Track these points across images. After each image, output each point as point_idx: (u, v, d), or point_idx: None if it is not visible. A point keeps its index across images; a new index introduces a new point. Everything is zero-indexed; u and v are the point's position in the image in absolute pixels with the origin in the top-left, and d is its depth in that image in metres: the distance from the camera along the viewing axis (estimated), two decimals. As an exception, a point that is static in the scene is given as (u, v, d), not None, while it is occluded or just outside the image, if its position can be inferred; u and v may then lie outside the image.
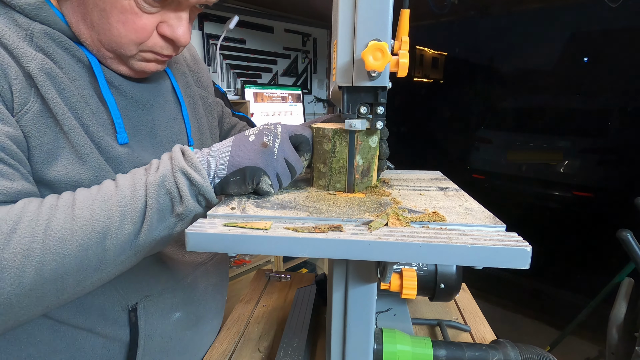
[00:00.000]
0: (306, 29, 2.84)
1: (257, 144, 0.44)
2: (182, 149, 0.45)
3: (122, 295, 0.53)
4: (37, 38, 0.44)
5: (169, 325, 0.59)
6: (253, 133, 0.46)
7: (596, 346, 1.89)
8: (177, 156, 0.43)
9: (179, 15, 0.48)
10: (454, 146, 2.63)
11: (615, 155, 1.93)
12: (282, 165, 0.46)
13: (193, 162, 0.43)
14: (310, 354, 0.67)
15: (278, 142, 0.46)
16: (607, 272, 1.55)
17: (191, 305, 0.63)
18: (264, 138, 0.45)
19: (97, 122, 0.48)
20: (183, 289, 0.61)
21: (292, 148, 0.48)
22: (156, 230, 0.42)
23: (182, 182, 0.42)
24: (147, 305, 0.55)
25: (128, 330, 0.54)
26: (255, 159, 0.44)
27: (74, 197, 0.40)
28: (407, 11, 0.41)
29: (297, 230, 0.36)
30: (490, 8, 2.27)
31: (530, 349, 0.54)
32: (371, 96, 0.44)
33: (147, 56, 0.50)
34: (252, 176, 0.44)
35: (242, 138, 0.46)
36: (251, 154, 0.44)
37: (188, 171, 0.42)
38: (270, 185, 0.45)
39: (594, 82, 1.92)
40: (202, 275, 0.65)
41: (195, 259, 0.64)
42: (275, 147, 0.45)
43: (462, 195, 0.51)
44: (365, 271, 0.45)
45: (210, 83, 0.75)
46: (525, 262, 0.32)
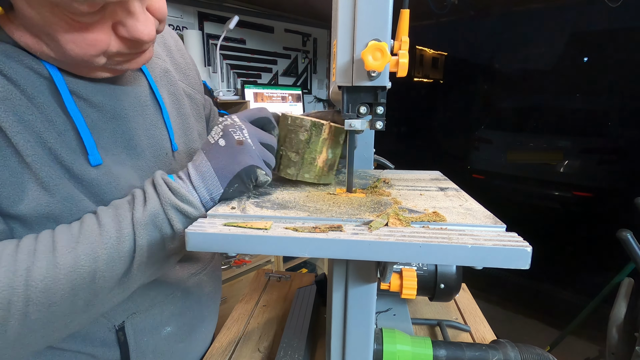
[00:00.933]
0: (306, 29, 2.84)
1: (231, 145, 0.44)
2: (165, 181, 0.43)
3: (105, 316, 0.51)
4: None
5: (161, 341, 0.57)
6: (220, 137, 0.45)
7: (596, 346, 1.88)
8: (163, 191, 0.42)
9: (128, 11, 0.40)
10: (454, 146, 2.63)
11: (615, 155, 1.93)
12: (262, 150, 0.46)
13: (182, 196, 0.42)
14: (310, 354, 0.67)
15: (247, 133, 0.45)
16: (607, 272, 1.55)
17: (183, 317, 0.61)
18: (234, 137, 0.44)
19: (65, 144, 0.42)
20: (173, 302, 0.58)
21: (260, 130, 0.48)
22: (147, 265, 0.42)
23: (175, 219, 0.41)
24: (134, 322, 0.53)
25: (118, 350, 0.52)
26: (241, 160, 0.44)
27: (53, 239, 0.38)
28: (407, 11, 0.41)
29: (298, 230, 0.36)
30: (490, 8, 2.28)
31: (530, 349, 0.54)
32: (371, 96, 0.44)
33: (119, 59, 0.44)
34: (248, 176, 0.44)
35: (213, 148, 0.45)
36: (234, 157, 0.44)
37: (181, 207, 0.42)
38: (265, 174, 0.46)
39: (594, 82, 1.92)
40: (194, 286, 0.62)
41: (188, 271, 0.60)
42: (248, 139, 0.45)
43: (462, 195, 0.51)
44: (365, 271, 0.44)
45: (198, 79, 0.68)
46: (525, 262, 0.32)
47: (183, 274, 0.60)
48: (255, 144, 0.45)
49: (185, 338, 0.62)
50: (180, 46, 0.65)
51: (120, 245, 0.40)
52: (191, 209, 0.42)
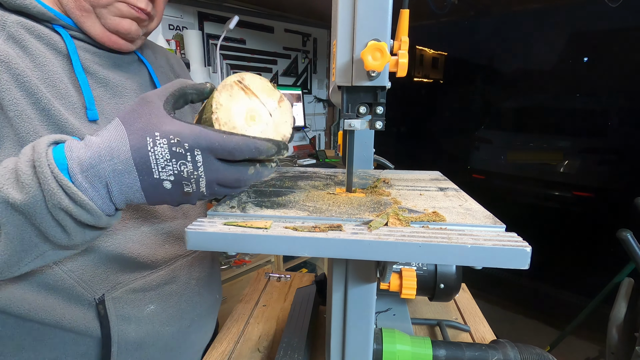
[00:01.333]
0: (306, 29, 2.84)
1: (176, 192, 0.36)
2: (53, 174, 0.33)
3: (84, 288, 0.51)
4: (9, 27, 0.46)
5: (144, 319, 0.57)
6: (167, 179, 0.35)
7: (596, 346, 1.88)
8: (51, 188, 0.33)
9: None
10: (454, 146, 2.63)
11: (615, 155, 1.93)
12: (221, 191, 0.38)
13: (80, 201, 0.34)
14: (310, 354, 0.67)
15: (203, 184, 0.36)
16: (607, 272, 1.55)
17: (169, 298, 0.60)
18: (184, 188, 0.36)
19: (64, 104, 0.47)
20: (156, 280, 0.58)
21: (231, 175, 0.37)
22: (22, 260, 0.37)
23: (65, 221, 0.35)
24: (115, 296, 0.53)
25: (98, 324, 0.52)
26: (180, 201, 0.38)
27: None
28: (406, 11, 0.41)
29: (297, 230, 0.36)
30: (490, 8, 2.28)
31: (530, 349, 0.54)
32: (370, 96, 0.44)
33: (122, 8, 0.50)
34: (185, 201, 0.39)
35: (154, 183, 0.36)
36: (172, 199, 0.38)
37: (74, 213, 0.34)
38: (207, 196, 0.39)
39: (594, 82, 1.92)
40: (182, 268, 0.62)
41: (174, 251, 0.61)
42: (202, 189, 0.37)
43: (462, 195, 0.51)
44: (365, 271, 0.45)
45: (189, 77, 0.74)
46: (525, 262, 0.32)
47: (167, 253, 0.59)
48: (210, 190, 0.37)
49: (173, 322, 0.61)
50: (179, 61, 0.74)
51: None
52: (89, 217, 0.35)
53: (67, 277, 0.49)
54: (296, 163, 2.48)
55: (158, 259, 0.58)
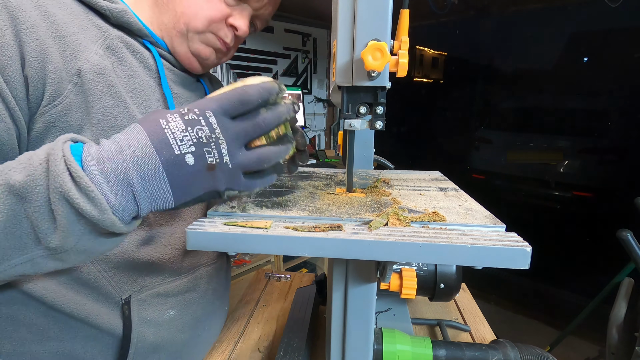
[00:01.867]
0: (306, 29, 2.84)
1: (200, 168, 0.35)
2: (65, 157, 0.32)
3: (114, 287, 0.52)
4: (111, 40, 0.51)
5: (163, 324, 0.58)
6: (188, 151, 0.34)
7: (596, 346, 1.88)
8: (57, 169, 0.31)
9: (245, 14, 0.59)
10: (454, 146, 2.63)
11: (615, 155, 1.93)
12: (247, 160, 0.37)
13: (84, 187, 0.31)
14: (310, 354, 0.67)
15: (225, 149, 0.35)
16: (607, 272, 1.55)
17: (188, 306, 0.62)
18: (207, 159, 0.35)
19: (144, 113, 0.51)
20: (179, 287, 0.60)
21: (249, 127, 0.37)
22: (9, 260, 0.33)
23: (60, 211, 0.31)
24: (141, 298, 0.55)
25: (121, 324, 0.54)
26: (206, 186, 0.36)
27: None
28: (406, 11, 0.41)
29: (297, 230, 0.36)
30: (490, 8, 2.27)
31: (530, 349, 0.54)
32: (370, 96, 0.44)
33: (210, 38, 0.58)
34: (210, 197, 0.37)
35: (176, 162, 0.34)
36: (198, 182, 0.35)
37: (75, 199, 0.31)
38: (239, 192, 0.38)
39: (594, 82, 1.92)
40: (202, 277, 0.64)
41: (197, 260, 0.63)
42: (225, 158, 0.35)
43: (462, 195, 0.51)
44: (365, 271, 0.45)
45: None
46: (525, 262, 0.32)
47: (191, 261, 0.61)
48: (234, 160, 0.36)
49: (188, 329, 0.62)
50: (220, 85, 0.77)
51: None
52: (92, 208, 0.32)
53: (100, 276, 0.51)
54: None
55: (183, 266, 0.60)
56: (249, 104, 0.36)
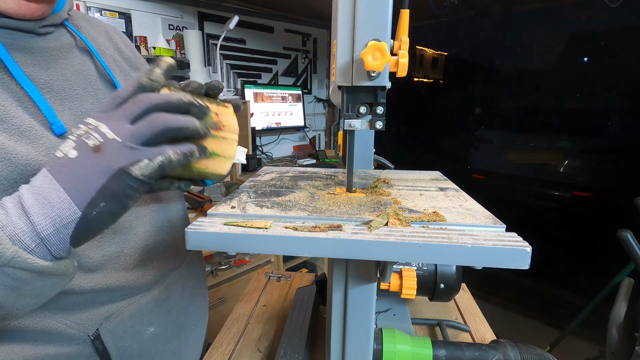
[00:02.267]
0: (306, 29, 2.84)
1: (85, 155, 0.32)
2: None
3: (75, 329, 0.46)
4: None
5: (146, 343, 0.53)
6: (71, 147, 0.32)
7: (596, 346, 1.88)
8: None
9: None
10: (454, 146, 2.63)
11: (615, 155, 1.93)
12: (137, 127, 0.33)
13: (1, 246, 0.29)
14: (310, 354, 0.67)
15: (105, 128, 0.32)
16: (607, 272, 1.55)
17: (167, 315, 0.57)
18: (88, 143, 0.32)
19: (11, 131, 0.39)
20: (151, 301, 0.54)
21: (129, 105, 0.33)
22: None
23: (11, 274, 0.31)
24: (111, 328, 0.49)
25: (99, 359, 0.49)
26: (103, 170, 0.32)
27: None
28: (406, 11, 0.41)
29: (297, 230, 0.36)
30: (490, 8, 2.27)
31: (530, 349, 0.54)
32: (370, 96, 0.44)
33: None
34: (121, 186, 0.32)
35: (61, 163, 0.32)
36: (88, 170, 0.31)
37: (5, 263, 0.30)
38: (149, 161, 0.32)
39: (594, 82, 1.92)
40: (175, 282, 0.59)
41: (165, 266, 0.57)
42: (110, 135, 0.32)
43: (462, 195, 0.51)
44: (365, 271, 0.45)
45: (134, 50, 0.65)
46: (525, 262, 0.32)
47: (158, 271, 0.56)
48: (121, 132, 0.32)
49: (175, 338, 0.59)
50: (127, 42, 0.63)
51: None
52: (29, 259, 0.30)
53: (53, 322, 0.45)
54: (296, 163, 2.48)
55: (149, 280, 0.54)
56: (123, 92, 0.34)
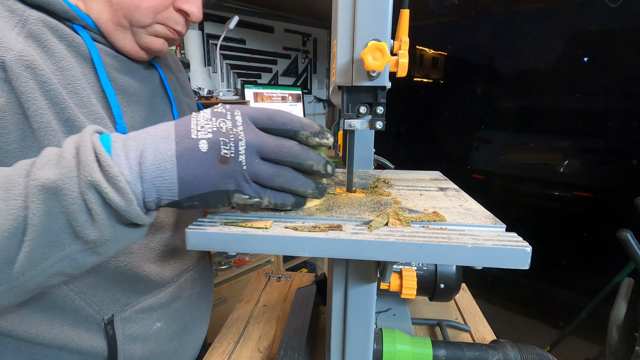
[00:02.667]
0: (306, 29, 2.84)
1: (212, 157, 0.33)
2: (94, 147, 0.31)
3: (94, 309, 0.49)
4: (31, 24, 0.42)
5: (150, 337, 0.55)
6: (204, 137, 0.33)
7: (596, 346, 1.88)
8: (87, 159, 0.30)
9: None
10: (454, 146, 2.63)
11: (615, 155, 1.93)
12: (258, 171, 0.34)
13: (112, 176, 0.30)
14: (310, 354, 0.67)
15: (243, 147, 0.33)
16: (607, 272, 1.55)
17: (175, 315, 0.59)
18: (222, 150, 0.33)
19: (86, 113, 0.44)
20: (164, 298, 0.57)
21: (272, 139, 0.35)
22: (47, 259, 0.31)
23: (93, 201, 0.30)
24: (124, 316, 0.52)
25: (105, 345, 0.50)
26: (215, 182, 0.33)
27: None
28: (406, 11, 0.41)
29: (297, 230, 0.36)
30: (490, 8, 2.27)
31: (530, 349, 0.54)
32: (371, 96, 0.44)
33: (159, 29, 0.50)
34: (217, 200, 0.35)
35: (190, 146, 0.33)
36: (207, 174, 0.33)
37: (104, 189, 0.30)
38: (249, 197, 0.35)
39: (594, 82, 1.92)
40: (186, 283, 0.61)
41: (179, 267, 0.59)
42: (241, 155, 0.33)
43: (462, 195, 0.51)
44: (365, 271, 0.45)
45: (193, 97, 0.74)
46: (525, 262, 0.32)
47: (174, 270, 0.58)
48: (249, 162, 0.34)
49: (176, 337, 0.60)
50: (178, 63, 0.71)
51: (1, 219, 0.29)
52: (118, 197, 0.31)
53: (77, 298, 0.47)
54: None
55: (166, 276, 0.57)
56: (275, 122, 0.35)
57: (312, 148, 0.37)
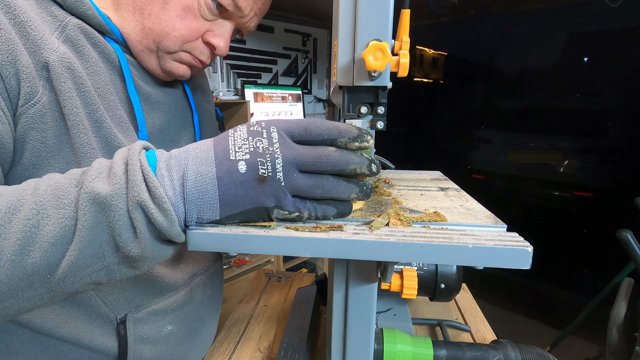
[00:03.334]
0: (306, 29, 2.84)
1: (251, 178, 0.34)
2: (142, 167, 0.32)
3: (109, 307, 0.50)
4: (69, 30, 0.45)
5: (160, 339, 0.56)
6: (242, 158, 0.34)
7: (596, 346, 1.89)
8: (135, 178, 0.31)
9: (225, 29, 0.52)
10: (454, 146, 2.63)
11: (615, 155, 1.93)
12: (297, 184, 0.34)
13: (158, 197, 0.31)
14: (311, 354, 0.67)
15: (280, 164, 0.33)
16: (607, 272, 1.55)
17: (186, 318, 0.60)
18: (260, 169, 0.33)
19: (111, 117, 0.47)
20: (177, 301, 0.57)
21: (309, 153, 0.35)
22: (87, 268, 0.32)
23: (139, 219, 0.31)
24: (137, 317, 0.52)
25: (116, 344, 0.51)
26: (255, 200, 0.34)
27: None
28: (407, 11, 0.41)
29: (299, 230, 0.36)
30: (490, 8, 2.28)
31: (531, 349, 0.54)
32: (372, 96, 0.44)
33: (184, 57, 0.52)
34: (257, 216, 0.36)
35: (229, 168, 0.33)
36: (247, 193, 0.34)
37: (150, 209, 0.31)
38: (289, 212, 0.35)
39: (594, 82, 1.92)
40: (198, 287, 0.62)
41: (190, 270, 0.60)
42: (279, 173, 0.34)
43: (463, 195, 0.51)
44: (366, 271, 0.44)
45: (213, 102, 0.76)
46: (526, 262, 0.32)
47: (186, 273, 0.59)
48: (287, 178, 0.34)
49: (185, 341, 0.61)
50: (203, 73, 0.74)
51: (49, 224, 0.30)
52: (162, 217, 0.32)
53: (94, 295, 0.48)
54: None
55: (178, 279, 0.57)
56: (312, 134, 0.35)
57: (352, 151, 0.37)
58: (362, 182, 0.37)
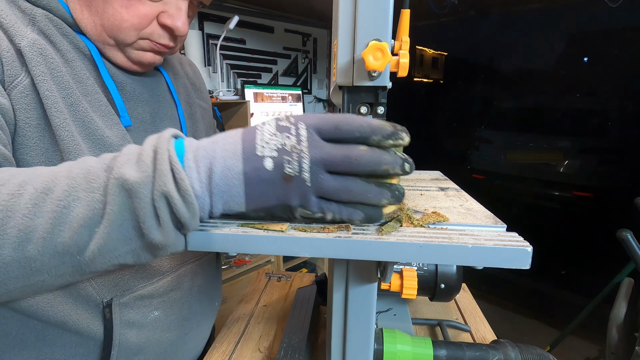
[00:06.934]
0: (306, 29, 2.84)
1: (277, 176, 0.33)
2: (170, 157, 0.32)
3: (95, 290, 0.50)
4: (39, 22, 0.45)
5: (147, 324, 0.56)
6: (269, 155, 0.33)
7: (596, 346, 1.89)
8: (163, 168, 0.31)
9: (178, 6, 0.51)
10: (454, 146, 2.63)
11: (615, 155, 1.93)
12: (322, 185, 0.33)
13: (183, 189, 0.31)
14: (311, 354, 0.67)
15: (306, 163, 0.32)
16: (607, 272, 1.55)
17: (173, 305, 0.60)
18: (285, 168, 0.33)
19: (92, 106, 0.48)
20: (164, 286, 0.58)
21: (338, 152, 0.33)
22: (114, 251, 0.32)
23: (162, 209, 0.31)
24: (123, 301, 0.53)
25: (102, 328, 0.52)
26: (280, 197, 0.34)
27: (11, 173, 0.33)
28: (407, 11, 0.41)
29: (307, 231, 0.36)
30: (490, 8, 2.28)
31: (531, 349, 0.54)
32: (371, 96, 0.44)
33: (144, 44, 0.51)
34: (282, 212, 0.35)
35: (257, 164, 0.33)
36: (273, 191, 0.34)
37: (174, 200, 0.31)
38: (312, 213, 0.34)
39: (594, 82, 1.92)
40: (186, 274, 0.62)
41: (180, 259, 0.61)
42: (305, 173, 0.33)
43: (463, 195, 0.51)
44: (366, 271, 0.45)
45: (210, 101, 0.76)
46: (526, 262, 0.32)
47: (174, 260, 0.59)
48: (314, 179, 0.33)
49: (174, 328, 0.61)
50: (196, 71, 0.75)
51: (80, 206, 0.31)
52: (185, 210, 0.32)
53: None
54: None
55: (165, 265, 0.58)
56: (342, 132, 0.33)
57: (385, 150, 0.35)
58: (394, 185, 0.35)
